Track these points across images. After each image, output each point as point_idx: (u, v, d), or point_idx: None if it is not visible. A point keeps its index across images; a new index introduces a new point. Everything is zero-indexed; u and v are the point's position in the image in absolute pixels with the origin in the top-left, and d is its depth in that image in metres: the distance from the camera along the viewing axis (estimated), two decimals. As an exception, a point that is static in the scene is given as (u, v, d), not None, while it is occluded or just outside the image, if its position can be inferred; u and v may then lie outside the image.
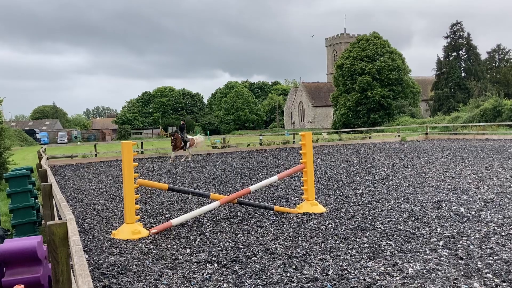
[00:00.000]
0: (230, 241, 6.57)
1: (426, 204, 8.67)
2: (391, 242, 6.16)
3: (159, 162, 22.36)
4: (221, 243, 6.49)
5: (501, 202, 8.53)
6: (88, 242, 6.95)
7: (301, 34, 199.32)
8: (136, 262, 5.77)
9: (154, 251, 6.26)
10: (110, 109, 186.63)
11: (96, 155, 26.56)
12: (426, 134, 35.18)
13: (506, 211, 7.82)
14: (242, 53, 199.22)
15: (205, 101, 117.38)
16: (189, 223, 7.91)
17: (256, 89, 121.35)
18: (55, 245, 3.01)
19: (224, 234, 7.03)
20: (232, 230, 7.26)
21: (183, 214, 8.33)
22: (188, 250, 6.23)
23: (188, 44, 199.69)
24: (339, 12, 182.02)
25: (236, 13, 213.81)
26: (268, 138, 40.03)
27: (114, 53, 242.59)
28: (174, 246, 6.47)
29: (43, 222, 8.27)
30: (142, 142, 29.60)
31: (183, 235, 7.13)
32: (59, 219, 5.60)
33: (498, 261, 5.22)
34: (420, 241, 6.20)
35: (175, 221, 7.65)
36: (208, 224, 7.82)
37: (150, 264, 5.70)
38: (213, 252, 6.07)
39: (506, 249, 5.67)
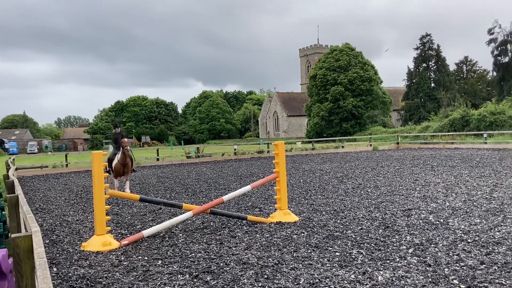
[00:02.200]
0: (203, 252, 6.54)
1: (396, 213, 8.82)
2: (362, 250, 6.24)
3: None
4: (193, 254, 6.45)
5: (468, 210, 8.76)
6: (57, 255, 6.79)
7: (274, 44, 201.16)
8: (106, 275, 5.68)
9: (125, 263, 6.17)
10: (82, 118, 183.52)
11: (67, 165, 26.04)
12: (397, 143, 35.86)
13: (472, 218, 8.03)
14: (214, 62, 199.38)
15: (180, 111, 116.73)
16: (161, 234, 7.83)
17: (231, 98, 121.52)
18: (20, 258, 2.95)
19: (197, 245, 6.99)
20: (204, 241, 7.23)
21: (155, 225, 8.25)
22: (160, 262, 6.16)
23: (160, 53, 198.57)
24: (311, 22, 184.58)
25: (207, 22, 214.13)
26: (243, 148, 40.08)
27: (84, 61, 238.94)
28: (146, 258, 6.39)
29: (10, 234, 8.05)
30: (114, 152, 29.16)
31: (154, 246, 7.05)
32: (26, 231, 5.47)
33: (464, 267, 5.35)
34: (390, 249, 6.30)
35: (146, 232, 7.56)
36: (181, 234, 7.76)
37: (121, 276, 5.62)
38: (185, 263, 6.03)
39: (472, 255, 5.82)
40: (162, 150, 35.56)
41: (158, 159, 28.75)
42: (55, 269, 6.01)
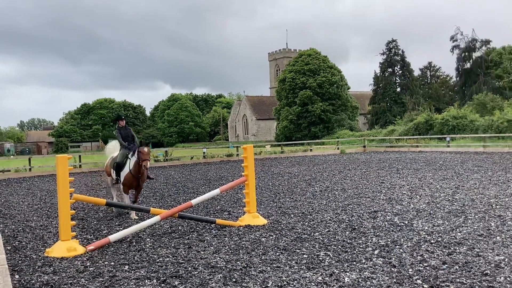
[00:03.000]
0: (170, 256, 6.48)
1: (362, 215, 8.98)
2: (329, 252, 6.32)
3: (98, 176, 21.66)
4: (161, 259, 6.38)
5: (431, 212, 9.01)
6: (20, 261, 6.59)
7: (243, 47, 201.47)
8: (71, 281, 5.55)
9: (90, 269, 6.05)
10: (47, 121, 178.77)
11: (30, 169, 25.31)
12: (364, 146, 36.51)
13: (435, 220, 8.26)
14: (183, 65, 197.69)
15: (148, 113, 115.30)
16: (128, 238, 7.72)
17: (200, 101, 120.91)
18: (-20, 265, 2.86)
19: (164, 249, 6.92)
20: (172, 245, 7.17)
21: (122, 230, 8.12)
22: (127, 267, 6.07)
23: (127, 55, 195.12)
24: (280, 26, 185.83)
25: (174, 25, 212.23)
26: (212, 151, 39.94)
27: (47, 62, 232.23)
28: (112, 263, 6.29)
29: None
30: (80, 156, 28.58)
31: (121, 251, 6.94)
32: (-14, 238, 5.31)
33: (427, 268, 5.50)
34: (356, 250, 6.41)
35: (113, 237, 7.44)
36: (148, 239, 7.67)
37: (86, 282, 5.51)
38: (152, 268, 5.96)
39: (435, 256, 5.99)
40: (130, 154, 35.06)
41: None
42: (17, 276, 5.83)
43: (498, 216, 8.35)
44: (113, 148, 11.23)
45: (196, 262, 6.13)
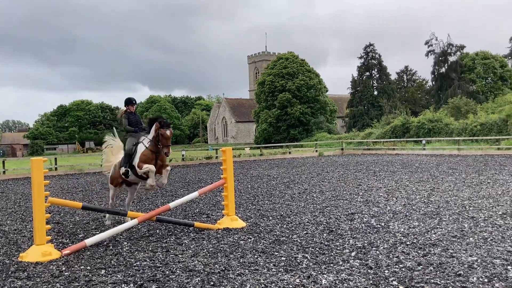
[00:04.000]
0: (148, 260, 6.43)
1: (340, 217, 9.07)
2: (307, 255, 6.37)
3: (75, 179, 21.33)
4: (138, 262, 6.32)
5: (407, 213, 9.16)
6: (-8, 267, 6.45)
7: (222, 50, 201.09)
8: (45, 286, 5.46)
9: (66, 273, 5.96)
10: (22, 123, 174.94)
11: (4, 172, 24.75)
12: (342, 149, 36.88)
13: (411, 221, 8.40)
14: (161, 66, 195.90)
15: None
16: (105, 242, 7.62)
17: (179, 103, 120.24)
18: (-50, 271, 2.79)
19: (142, 253, 6.86)
20: (150, 249, 7.11)
21: (98, 234, 8.02)
22: (103, 271, 6.00)
23: (104, 56, 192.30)
24: (259, 29, 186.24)
25: (153, 26, 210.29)
26: (191, 154, 39.73)
27: (23, 63, 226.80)
28: (88, 267, 6.20)
29: None
30: (56, 158, 28.10)
31: (98, 255, 6.85)
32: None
33: (403, 269, 5.60)
34: (334, 252, 6.47)
35: (89, 241, 7.33)
36: (125, 243, 7.59)
37: (61, 287, 5.42)
38: (129, 272, 5.90)
39: (410, 257, 6.09)
40: (107, 156, 34.61)
41: (102, 165, 27.91)
42: (-11, 282, 5.70)
43: (471, 217, 8.54)
44: (117, 146, 9.71)
45: (173, 265, 6.09)
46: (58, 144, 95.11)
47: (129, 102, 9.04)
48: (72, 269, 6.16)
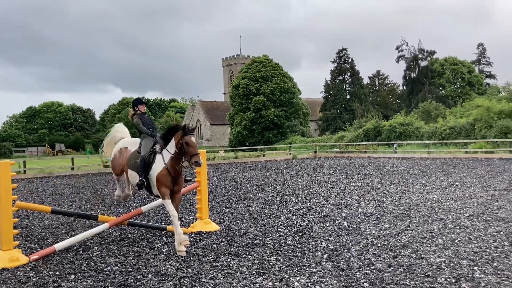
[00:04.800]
0: (119, 265, 6.33)
1: (313, 219, 9.15)
2: (279, 257, 6.39)
3: (44, 183, 20.84)
4: (109, 267, 6.22)
5: (378, 216, 9.30)
6: (-45, 274, 6.23)
7: (196, 52, 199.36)
8: (12, 293, 5.31)
9: (34, 279, 5.81)
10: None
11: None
12: (315, 152, 37.21)
13: (382, 224, 8.54)
14: (134, 68, 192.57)
15: (98, 117, 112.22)
16: (75, 247, 7.48)
17: (152, 105, 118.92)
18: None
19: (113, 258, 6.76)
20: (121, 253, 7.01)
21: (68, 238, 7.85)
22: (73, 276, 5.88)
23: (75, 57, 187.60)
24: (233, 32, 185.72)
25: (126, 27, 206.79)
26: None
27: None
28: (57, 273, 6.06)
29: None
30: (24, 161, 27.41)
31: (67, 260, 6.71)
32: None
33: (374, 271, 5.68)
34: (306, 255, 6.52)
35: (58, 245, 7.18)
36: (96, 247, 7.46)
37: (29, 293, 5.28)
38: (100, 277, 5.80)
39: (381, 259, 6.19)
40: (78, 159, 33.98)
41: (73, 168, 27.42)
42: (-48, 289, 5.51)
43: (440, 219, 8.74)
44: (123, 133, 8.82)
45: (145, 270, 6.02)
46: (27, 146, 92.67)
47: (139, 102, 8.15)
48: (41, 275, 6.02)
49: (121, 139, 8.44)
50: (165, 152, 7.17)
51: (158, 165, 7.13)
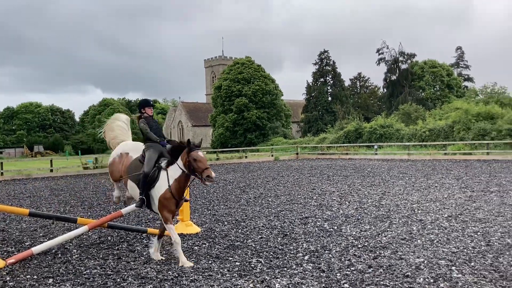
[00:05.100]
0: (99, 268, 6.25)
1: (294, 221, 9.18)
2: (261, 259, 6.40)
3: (22, 185, 20.46)
4: (88, 270, 6.14)
5: (359, 217, 9.38)
6: None
7: (178, 53, 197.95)
8: (-13, 298, 5.20)
9: (10, 283, 5.70)
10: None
11: None
12: (297, 154, 37.36)
13: (363, 225, 8.62)
14: (115, 69, 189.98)
15: (77, 119, 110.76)
16: (53, 250, 7.35)
17: (133, 106, 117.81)
18: None
19: (92, 261, 6.67)
20: (101, 256, 6.92)
21: (46, 241, 7.72)
22: (51, 280, 5.78)
23: (54, 57, 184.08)
24: (216, 33, 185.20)
25: (106, 27, 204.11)
26: (145, 158, 38.92)
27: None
28: (35, 277, 5.96)
29: None
30: (1, 163, 26.84)
31: (45, 264, 6.60)
32: None
33: (354, 272, 5.73)
34: (287, 256, 6.54)
35: (36, 249, 7.05)
36: (75, 250, 7.36)
37: (5, 298, 5.18)
38: (78, 280, 5.72)
39: (361, 260, 6.25)
40: (57, 161, 33.46)
41: (51, 170, 26.99)
42: None
43: (419, 220, 8.86)
44: (124, 128, 8.02)
45: (125, 273, 5.96)
46: (5, 148, 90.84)
47: (145, 104, 7.38)
48: (17, 278, 5.91)
49: (122, 142, 7.68)
50: (171, 170, 6.54)
51: (162, 185, 6.52)
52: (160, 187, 6.52)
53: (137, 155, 7.09)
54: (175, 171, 6.49)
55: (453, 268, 5.74)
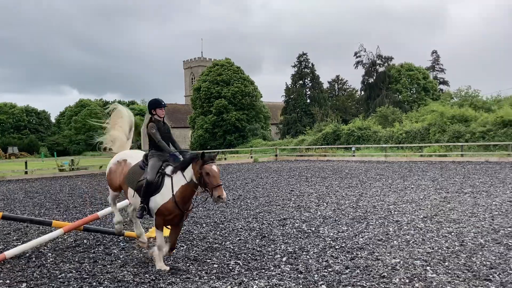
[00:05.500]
0: (74, 271, 6.15)
1: (273, 222, 9.20)
2: (239, 261, 6.39)
3: (-5, 187, 19.97)
4: (63, 274, 6.04)
5: (337, 218, 9.46)
6: None
7: (157, 54, 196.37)
8: (-43, 303, 5.06)
9: (-18, 289, 5.56)
10: None
11: None
12: (276, 155, 37.48)
13: (340, 226, 8.69)
14: (92, 69, 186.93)
15: (53, 120, 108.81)
16: (27, 254, 7.20)
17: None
18: None
19: (68, 264, 6.56)
20: (76, 260, 6.81)
21: (20, 245, 7.55)
22: (24, 285, 5.66)
23: (30, 57, 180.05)
24: (194, 34, 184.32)
25: (83, 27, 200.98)
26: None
27: None
28: (8, 281, 5.82)
29: None
30: (-26, 165, 26.17)
31: (19, 268, 6.46)
32: None
33: (332, 273, 5.77)
34: (265, 258, 6.55)
35: (9, 252, 6.89)
36: (50, 254, 7.22)
37: (-24, 304, 5.05)
38: (53, 284, 5.62)
39: (339, 261, 6.30)
40: (32, 163, 32.75)
41: (26, 172, 26.43)
42: None
43: (396, 221, 8.99)
44: (127, 123, 7.56)
45: (101, 276, 5.88)
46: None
47: (157, 104, 6.65)
48: (-11, 283, 5.77)
49: (119, 153, 7.18)
50: (177, 177, 6.02)
51: (165, 193, 6.01)
52: (163, 196, 6.01)
53: (136, 161, 6.63)
54: (182, 178, 6.00)
55: (428, 268, 5.84)
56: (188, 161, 6.00)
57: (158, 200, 6.01)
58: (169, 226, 6.30)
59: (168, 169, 6.12)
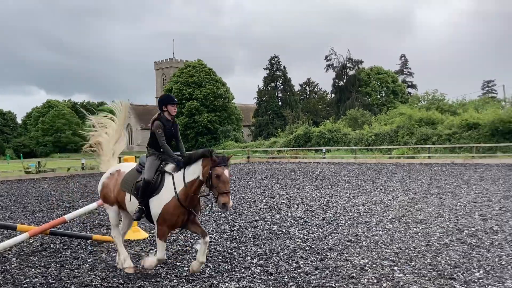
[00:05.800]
0: (40, 276, 6.00)
1: (244, 224, 9.21)
2: (209, 264, 6.37)
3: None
4: (28, 280, 5.88)
5: (307, 220, 9.54)
6: None
7: (127, 54, 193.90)
8: None
9: None
10: None
11: None
12: (248, 157, 37.54)
13: (310, 227, 8.77)
14: (60, 69, 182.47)
15: (19, 121, 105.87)
16: (-10, 259, 6.98)
17: (80, 109, 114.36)
18: None
19: (33, 269, 6.39)
20: (42, 264, 6.64)
21: (-18, 250, 7.32)
22: (-13, 291, 5.49)
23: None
24: (166, 35, 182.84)
25: (49, 27, 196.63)
26: (92, 162, 37.77)
27: None
28: (-31, 288, 5.64)
29: None
30: None
31: (-19, 274, 6.25)
32: None
33: (302, 274, 5.82)
34: (236, 260, 6.55)
35: (-29, 258, 6.67)
36: (14, 259, 7.02)
37: None
38: (17, 290, 5.46)
39: (308, 262, 6.36)
40: (-4, 165, 31.79)
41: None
42: None
43: (364, 222, 9.13)
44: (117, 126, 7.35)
45: (68, 281, 5.76)
46: None
47: (169, 100, 6.15)
48: (-51, 290, 5.56)
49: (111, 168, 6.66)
50: (179, 175, 5.61)
51: (167, 192, 5.57)
52: (165, 196, 5.58)
53: (131, 168, 6.23)
54: (191, 173, 5.58)
55: (395, 268, 5.96)
56: (200, 156, 5.60)
57: (159, 201, 5.58)
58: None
59: (168, 167, 5.78)
